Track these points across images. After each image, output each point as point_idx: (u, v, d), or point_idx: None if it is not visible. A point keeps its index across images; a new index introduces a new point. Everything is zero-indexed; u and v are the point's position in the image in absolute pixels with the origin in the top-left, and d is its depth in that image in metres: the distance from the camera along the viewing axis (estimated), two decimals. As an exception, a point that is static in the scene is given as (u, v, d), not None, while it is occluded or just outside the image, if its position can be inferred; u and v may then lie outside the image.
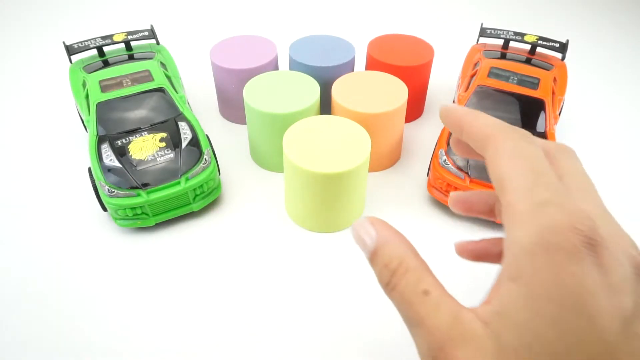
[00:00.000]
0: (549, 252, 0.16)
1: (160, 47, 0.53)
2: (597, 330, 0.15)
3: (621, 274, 0.16)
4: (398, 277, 0.19)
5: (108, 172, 0.39)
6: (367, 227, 0.21)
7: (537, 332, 0.16)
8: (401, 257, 0.20)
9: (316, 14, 0.81)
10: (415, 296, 0.19)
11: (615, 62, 0.70)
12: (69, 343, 0.33)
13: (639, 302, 0.16)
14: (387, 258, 0.20)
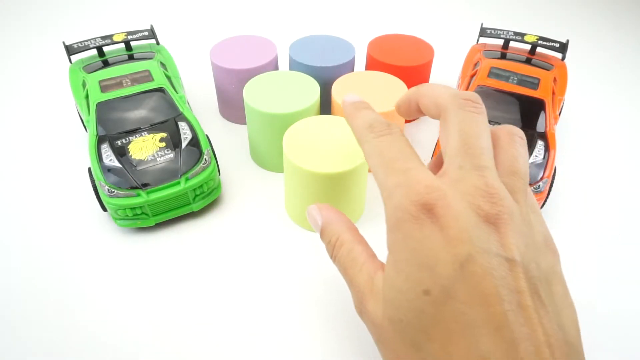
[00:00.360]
0: (399, 226, 0.21)
1: (160, 47, 0.53)
2: (435, 276, 0.19)
3: (459, 227, 0.20)
4: (336, 249, 0.26)
5: (108, 172, 0.39)
6: (315, 212, 0.28)
7: (398, 287, 0.21)
8: (338, 234, 0.26)
9: (316, 14, 0.81)
10: (348, 263, 0.25)
11: (616, 62, 0.70)
12: (69, 343, 0.33)
13: (478, 244, 0.19)
14: (329, 235, 0.27)
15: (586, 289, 0.38)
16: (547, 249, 0.22)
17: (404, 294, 0.21)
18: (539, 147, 0.42)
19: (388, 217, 0.22)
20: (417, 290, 0.20)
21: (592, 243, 0.42)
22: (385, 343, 0.22)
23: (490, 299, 0.18)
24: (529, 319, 0.18)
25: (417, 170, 0.22)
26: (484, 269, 0.19)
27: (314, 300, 0.36)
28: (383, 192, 0.23)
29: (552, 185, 0.41)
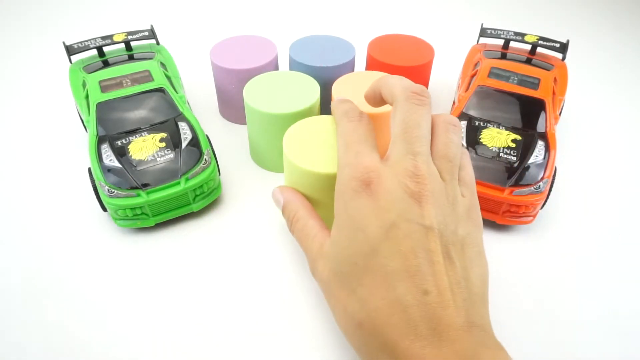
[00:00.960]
0: (342, 196, 0.26)
1: (160, 47, 0.53)
2: (366, 237, 0.25)
3: (389, 199, 0.25)
4: (294, 224, 0.32)
5: (108, 173, 0.39)
6: (278, 193, 0.35)
7: (340, 245, 0.26)
8: (296, 210, 0.32)
9: (316, 14, 0.81)
10: (303, 234, 0.31)
11: (616, 62, 0.70)
12: (69, 343, 0.33)
13: (402, 214, 0.24)
14: (288, 212, 0.33)
15: (586, 289, 0.38)
16: (467, 220, 0.26)
17: (343, 250, 0.26)
18: (539, 147, 0.42)
19: (336, 188, 0.27)
20: (353, 247, 0.25)
21: (592, 243, 0.42)
22: (330, 293, 0.27)
23: (407, 254, 0.24)
24: (437, 271, 0.24)
25: (365, 153, 0.27)
26: (404, 233, 0.24)
27: (314, 299, 0.36)
28: (338, 167, 0.28)
29: (552, 185, 0.41)
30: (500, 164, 0.41)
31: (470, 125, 0.44)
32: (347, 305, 0.25)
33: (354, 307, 0.25)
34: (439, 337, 0.22)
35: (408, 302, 0.23)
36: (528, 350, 0.33)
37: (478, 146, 0.42)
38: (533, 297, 0.37)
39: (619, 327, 0.35)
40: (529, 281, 0.38)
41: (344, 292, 0.26)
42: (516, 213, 0.40)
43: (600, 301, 0.37)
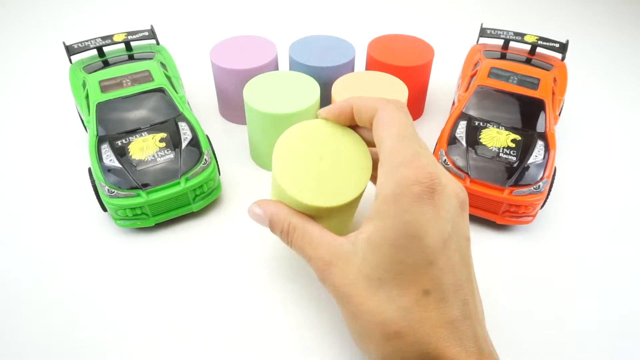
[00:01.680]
0: (397, 199, 0.24)
1: (160, 47, 0.53)
2: (423, 247, 0.23)
3: (447, 209, 0.24)
4: (290, 234, 0.29)
5: (108, 173, 0.39)
6: (257, 209, 0.31)
7: (381, 250, 0.24)
8: (287, 220, 0.29)
9: (316, 14, 0.81)
10: (304, 243, 0.28)
11: (615, 62, 0.70)
12: (69, 343, 0.33)
13: (455, 226, 0.24)
14: (280, 224, 0.29)
15: (586, 288, 0.38)
16: None
17: (388, 257, 0.24)
18: (539, 147, 0.42)
19: (384, 188, 0.24)
20: (402, 255, 0.23)
21: (592, 243, 0.42)
22: (353, 298, 0.25)
23: (455, 268, 0.24)
24: (474, 288, 0.25)
25: (422, 154, 0.25)
26: (456, 246, 0.24)
27: (314, 299, 0.36)
28: (385, 161, 0.25)
29: (552, 185, 0.41)
30: (500, 164, 0.41)
31: (470, 125, 0.44)
32: (381, 313, 0.24)
33: (392, 315, 0.23)
34: (480, 353, 0.23)
35: (455, 316, 0.23)
36: (528, 349, 0.33)
37: (478, 146, 0.42)
38: (532, 296, 0.37)
39: (619, 326, 0.35)
40: (528, 281, 0.38)
41: (377, 298, 0.24)
42: (516, 213, 0.40)
43: (599, 301, 0.37)
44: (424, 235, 0.23)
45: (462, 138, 0.43)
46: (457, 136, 0.44)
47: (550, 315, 0.36)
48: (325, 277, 0.26)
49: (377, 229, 0.24)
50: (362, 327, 0.25)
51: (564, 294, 0.37)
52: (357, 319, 0.25)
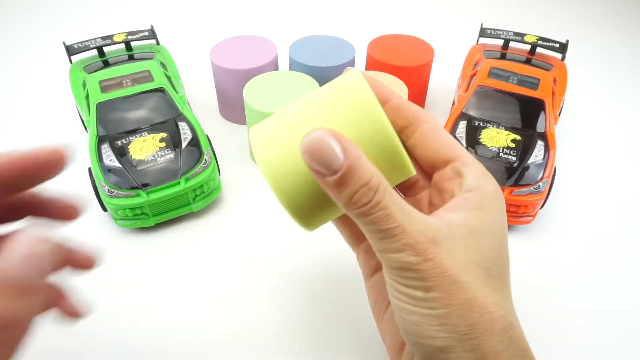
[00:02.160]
0: (499, 199, 0.24)
1: (160, 47, 0.53)
2: (507, 250, 0.24)
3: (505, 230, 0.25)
4: (381, 193, 0.21)
5: (108, 173, 0.39)
6: (330, 140, 0.20)
7: (489, 242, 0.23)
8: (377, 174, 0.21)
9: (316, 14, 0.81)
10: (399, 208, 0.21)
11: (615, 62, 0.70)
12: (69, 343, 0.33)
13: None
14: (366, 176, 0.21)
15: (586, 288, 0.38)
16: None
17: (492, 250, 0.23)
18: (539, 147, 0.42)
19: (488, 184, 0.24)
20: (502, 251, 0.24)
21: (591, 243, 0.42)
22: (466, 286, 0.22)
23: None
24: None
25: None
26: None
27: (314, 299, 0.36)
28: (473, 162, 0.25)
29: (552, 185, 0.41)
30: (500, 163, 0.41)
31: (470, 125, 0.44)
32: (494, 304, 0.22)
33: (505, 308, 0.23)
34: None
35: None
36: (527, 350, 0.33)
37: (478, 146, 0.42)
38: (532, 296, 0.37)
39: (619, 326, 0.35)
40: (528, 281, 0.38)
41: (490, 290, 0.22)
42: (516, 213, 0.40)
43: (599, 300, 0.37)
44: (507, 240, 0.24)
45: (462, 138, 0.43)
46: (457, 136, 0.44)
47: (550, 315, 0.36)
48: (428, 256, 0.21)
49: (482, 219, 0.23)
50: (468, 319, 0.22)
51: (564, 293, 0.37)
52: (464, 309, 0.22)
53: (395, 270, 0.22)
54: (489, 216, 0.23)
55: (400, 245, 0.21)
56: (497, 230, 0.23)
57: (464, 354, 0.22)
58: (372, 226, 0.21)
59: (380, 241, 0.21)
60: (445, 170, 0.25)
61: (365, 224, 0.21)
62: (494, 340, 0.22)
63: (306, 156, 0.20)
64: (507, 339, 0.22)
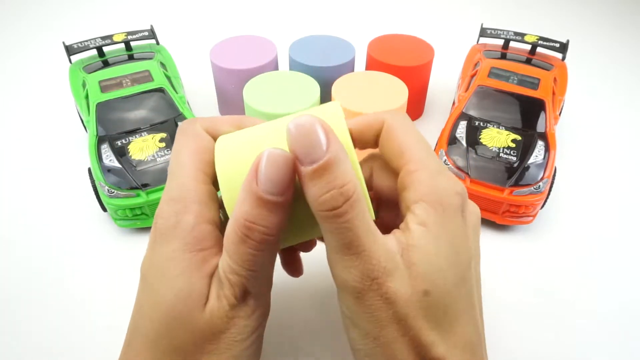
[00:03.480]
0: (444, 208, 0.21)
1: (160, 47, 0.53)
2: (460, 263, 0.21)
3: (471, 226, 0.22)
4: (351, 204, 0.19)
5: (108, 173, 0.39)
6: (319, 133, 0.19)
7: (436, 261, 0.20)
8: (355, 182, 0.19)
9: (316, 14, 0.81)
10: (363, 226, 0.19)
11: (616, 62, 0.70)
12: (69, 343, 0.33)
13: (476, 243, 0.23)
14: (342, 180, 0.19)
15: (586, 288, 0.38)
16: None
17: (441, 273, 0.20)
18: (539, 147, 0.42)
19: (430, 193, 0.21)
20: (451, 272, 0.21)
21: (592, 243, 0.42)
22: (402, 320, 0.20)
23: (474, 291, 0.22)
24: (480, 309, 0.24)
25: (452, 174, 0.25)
26: (476, 262, 0.23)
27: (315, 297, 0.36)
28: (422, 166, 0.22)
29: (552, 185, 0.41)
30: (500, 164, 0.41)
31: (470, 125, 0.44)
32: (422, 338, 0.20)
33: (433, 339, 0.20)
34: None
35: (480, 334, 0.22)
36: (528, 349, 0.33)
37: (478, 146, 0.42)
38: (532, 296, 0.37)
39: (619, 326, 0.35)
40: (528, 281, 0.38)
41: (426, 322, 0.20)
42: (516, 213, 0.40)
43: (599, 301, 0.37)
44: (458, 250, 0.21)
45: (462, 138, 0.43)
46: (457, 136, 0.44)
47: (550, 315, 0.36)
48: (371, 287, 0.20)
49: (426, 236, 0.20)
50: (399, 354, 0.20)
51: (564, 293, 0.37)
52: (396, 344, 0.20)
53: (339, 287, 0.21)
54: (432, 232, 0.21)
55: (351, 267, 0.20)
56: (441, 245, 0.21)
57: None
58: (333, 236, 0.20)
59: (335, 254, 0.20)
60: (398, 181, 0.23)
61: (327, 230, 0.20)
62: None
63: (290, 138, 0.19)
64: None
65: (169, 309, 0.21)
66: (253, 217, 0.20)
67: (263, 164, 0.19)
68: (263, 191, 0.19)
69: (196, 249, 0.21)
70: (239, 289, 0.21)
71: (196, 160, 0.23)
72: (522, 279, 0.38)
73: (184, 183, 0.22)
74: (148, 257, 0.22)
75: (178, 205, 0.22)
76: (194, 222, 0.21)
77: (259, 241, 0.20)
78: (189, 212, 0.21)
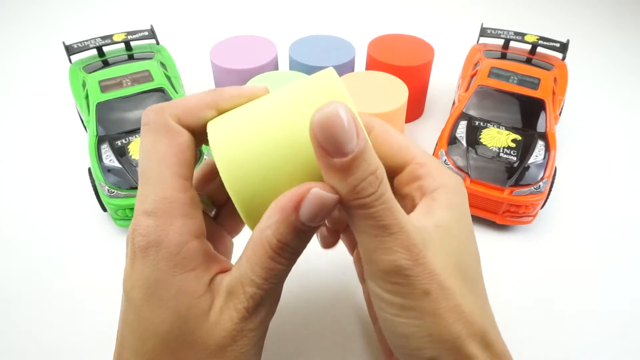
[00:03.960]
0: (462, 194, 0.24)
1: (160, 47, 0.53)
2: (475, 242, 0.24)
3: None
4: (385, 185, 0.20)
5: (108, 173, 0.39)
6: (347, 124, 0.18)
7: (463, 240, 0.23)
8: (381, 164, 0.20)
9: (316, 14, 0.81)
10: (396, 205, 0.20)
11: (616, 62, 0.70)
12: (69, 343, 0.33)
13: None
14: (374, 164, 0.19)
15: (586, 289, 0.38)
16: None
17: (465, 247, 0.23)
18: (539, 147, 0.42)
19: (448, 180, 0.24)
20: (472, 248, 0.23)
21: (592, 243, 0.42)
22: (444, 295, 0.21)
23: None
24: None
25: None
26: None
27: (316, 297, 0.36)
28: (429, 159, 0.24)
29: (552, 185, 0.41)
30: (500, 164, 0.41)
31: (471, 125, 0.44)
32: (474, 310, 0.21)
33: (483, 311, 0.22)
34: None
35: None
36: (528, 349, 0.33)
37: (478, 146, 0.42)
38: (533, 296, 0.37)
39: (619, 326, 0.35)
40: (528, 281, 0.38)
41: (469, 295, 0.22)
42: (516, 213, 0.40)
43: (599, 301, 0.37)
44: (471, 227, 0.24)
45: (462, 138, 0.43)
46: (457, 136, 0.44)
47: (550, 315, 0.36)
48: (420, 260, 0.20)
49: (453, 218, 0.22)
50: (455, 327, 0.21)
51: (564, 293, 0.37)
52: (450, 318, 0.21)
53: (383, 274, 0.21)
54: (457, 213, 0.23)
55: (395, 246, 0.20)
56: (466, 226, 0.23)
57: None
58: (371, 221, 0.20)
59: (374, 238, 0.20)
60: (402, 174, 0.24)
61: (364, 217, 0.20)
62: (474, 347, 0.21)
63: (317, 131, 0.18)
64: (484, 345, 0.22)
65: (167, 330, 0.20)
66: (286, 240, 0.20)
67: (308, 202, 0.19)
68: (302, 224, 0.19)
69: (186, 270, 0.20)
70: (254, 301, 0.20)
71: (172, 164, 0.21)
72: (522, 279, 0.38)
73: (163, 194, 0.20)
74: (130, 275, 0.20)
75: (159, 221, 0.20)
76: (179, 241, 0.20)
77: (288, 259, 0.20)
78: (172, 229, 0.20)
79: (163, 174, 0.21)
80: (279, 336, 0.34)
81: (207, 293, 0.20)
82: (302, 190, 0.19)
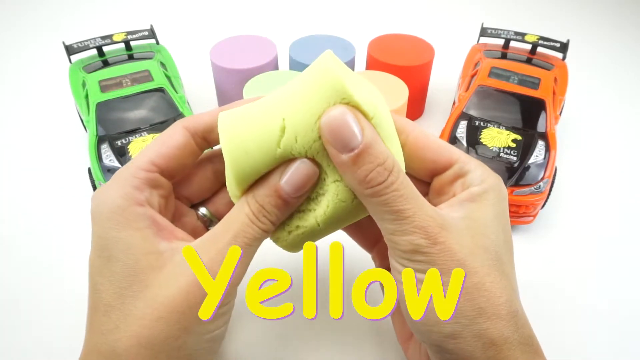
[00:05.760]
0: (500, 192, 0.25)
1: (160, 47, 0.53)
2: (509, 235, 0.25)
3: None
4: (395, 175, 0.22)
5: (108, 173, 0.39)
6: (352, 123, 0.21)
7: (498, 228, 0.24)
8: (392, 157, 0.22)
9: (316, 14, 0.81)
10: (411, 192, 0.22)
11: (616, 62, 0.70)
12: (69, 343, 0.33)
13: None
14: (382, 157, 0.22)
15: (586, 289, 0.38)
16: None
17: (499, 234, 0.24)
18: (540, 147, 0.42)
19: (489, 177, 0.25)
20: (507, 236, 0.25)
21: (592, 243, 0.41)
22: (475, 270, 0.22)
23: None
24: None
25: None
26: None
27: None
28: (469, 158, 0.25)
29: (552, 185, 0.41)
30: (500, 163, 0.41)
31: (471, 125, 0.44)
32: (500, 289, 0.22)
33: (511, 293, 0.23)
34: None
35: None
36: (528, 350, 0.33)
37: (478, 146, 0.42)
38: (533, 296, 0.37)
39: (619, 326, 0.35)
40: (528, 281, 0.38)
41: (499, 274, 0.23)
42: (516, 213, 0.40)
43: (600, 301, 0.37)
44: (510, 230, 0.25)
45: (462, 138, 0.43)
46: (457, 136, 0.44)
47: (550, 315, 0.36)
48: (438, 240, 0.22)
49: (487, 212, 0.24)
50: (476, 303, 0.22)
51: (565, 294, 0.37)
52: (471, 294, 0.22)
53: (404, 253, 0.22)
54: (492, 206, 0.24)
55: (411, 227, 0.22)
56: (500, 218, 0.24)
57: (471, 340, 0.22)
58: (385, 207, 0.22)
59: (391, 223, 0.22)
60: (446, 174, 0.25)
61: (378, 204, 0.22)
62: (501, 325, 0.22)
63: (326, 133, 0.21)
64: (513, 325, 0.22)
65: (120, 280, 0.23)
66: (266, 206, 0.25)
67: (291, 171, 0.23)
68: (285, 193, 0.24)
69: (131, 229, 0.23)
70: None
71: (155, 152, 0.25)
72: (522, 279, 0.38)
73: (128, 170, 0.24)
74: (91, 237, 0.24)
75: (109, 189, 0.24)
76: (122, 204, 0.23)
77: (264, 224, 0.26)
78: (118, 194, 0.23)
79: (143, 154, 0.25)
80: (282, 336, 0.34)
81: (157, 253, 0.23)
82: None
